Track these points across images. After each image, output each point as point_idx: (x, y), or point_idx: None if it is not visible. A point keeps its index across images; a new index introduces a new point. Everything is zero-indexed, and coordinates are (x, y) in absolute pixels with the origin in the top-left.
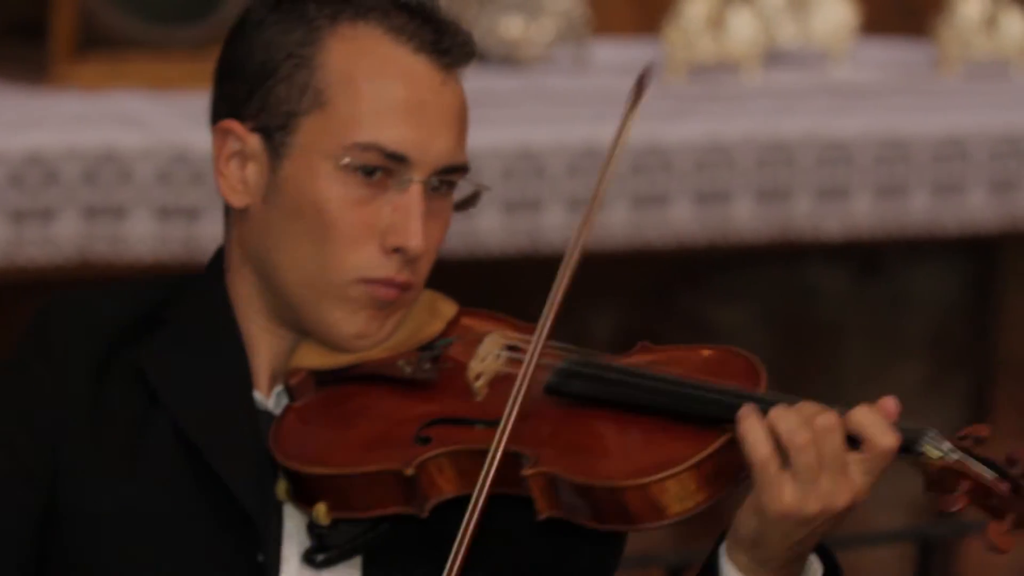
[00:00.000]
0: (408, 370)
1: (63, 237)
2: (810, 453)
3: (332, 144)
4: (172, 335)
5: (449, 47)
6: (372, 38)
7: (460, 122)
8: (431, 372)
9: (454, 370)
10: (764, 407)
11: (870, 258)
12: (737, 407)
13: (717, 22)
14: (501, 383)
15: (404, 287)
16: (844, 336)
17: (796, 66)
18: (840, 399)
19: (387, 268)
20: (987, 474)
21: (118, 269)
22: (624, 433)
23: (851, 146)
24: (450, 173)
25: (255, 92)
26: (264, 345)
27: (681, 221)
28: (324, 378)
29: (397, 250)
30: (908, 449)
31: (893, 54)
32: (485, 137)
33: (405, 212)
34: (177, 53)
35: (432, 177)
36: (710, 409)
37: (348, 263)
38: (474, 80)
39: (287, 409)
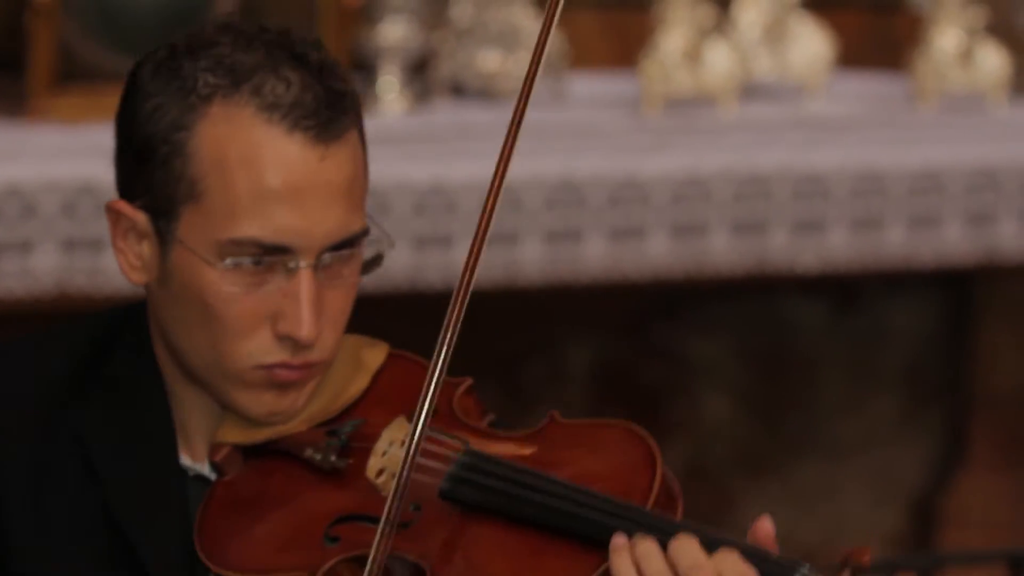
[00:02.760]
0: (317, 458)
1: (41, 269)
2: None
3: (209, 239)
4: (108, 399)
5: (329, 119)
6: (243, 120)
7: (348, 193)
8: (338, 463)
9: (362, 458)
10: (643, 531)
11: (846, 291)
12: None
13: (693, 55)
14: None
15: (305, 367)
16: (820, 369)
17: (772, 99)
18: (816, 432)
19: (281, 353)
20: None
21: (96, 301)
22: (511, 549)
23: (827, 179)
24: (345, 246)
25: (140, 171)
26: (195, 405)
27: (657, 254)
28: (250, 451)
29: (288, 336)
30: None
31: (869, 87)
32: (462, 170)
33: (293, 299)
34: None
35: (323, 255)
36: (593, 530)
37: (242, 352)
38: (451, 113)
39: (215, 485)
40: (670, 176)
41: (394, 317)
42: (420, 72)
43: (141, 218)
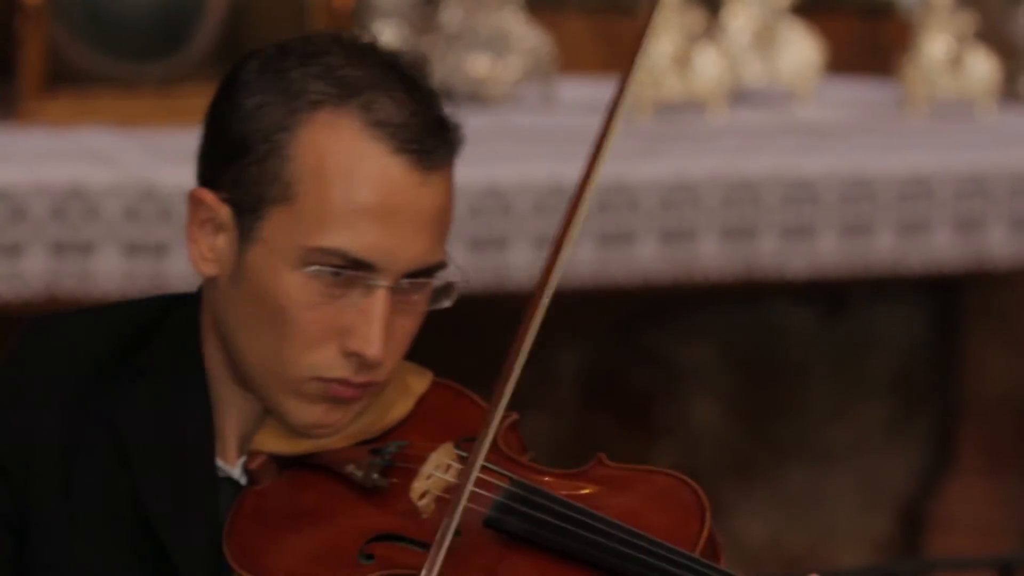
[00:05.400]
0: (359, 475)
1: (31, 273)
2: None
3: (296, 244)
4: (147, 389)
5: (434, 147)
6: (349, 132)
7: (438, 223)
8: (380, 481)
9: (405, 479)
10: None
11: (835, 297)
12: None
13: (683, 61)
14: (449, 500)
15: (363, 387)
16: (809, 375)
17: (762, 105)
18: (804, 438)
19: (345, 369)
20: None
21: (85, 305)
22: None
23: (816, 185)
24: (422, 275)
25: (231, 165)
26: (234, 407)
27: (647, 259)
28: (285, 462)
29: (356, 354)
30: None
31: (858, 93)
32: None
33: (368, 318)
34: (145, 90)
35: (403, 280)
36: (639, 570)
37: (305, 361)
38: None
39: (246, 493)
40: (659, 181)
41: None
42: None
43: (224, 211)
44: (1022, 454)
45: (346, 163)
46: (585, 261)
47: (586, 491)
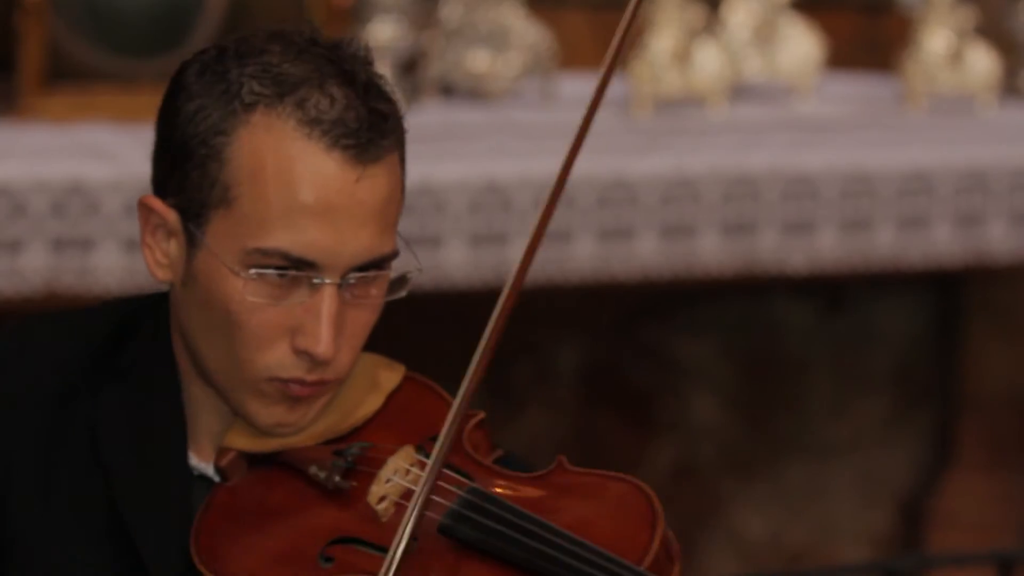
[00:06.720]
0: (321, 476)
1: (30, 269)
2: None
3: (237, 247)
4: (124, 390)
5: (369, 140)
6: (282, 132)
7: (380, 215)
8: (342, 484)
9: (365, 483)
10: None
11: (835, 292)
12: None
13: (683, 56)
14: (406, 506)
15: (318, 384)
16: (809, 370)
17: (762, 100)
18: (804, 434)
19: (298, 368)
20: None
21: (85, 301)
22: None
23: (816, 180)
24: (371, 268)
25: (176, 170)
26: (208, 405)
27: (646, 255)
28: (255, 458)
29: (305, 352)
30: None
31: (859, 89)
32: (452, 170)
33: (315, 316)
34: (145, 86)
35: (349, 275)
36: None
37: (259, 363)
38: (441, 113)
39: (217, 489)
40: (659, 177)
41: (382, 316)
42: (410, 72)
43: (172, 216)
44: (1022, 450)
45: (281, 163)
46: (585, 257)
47: (542, 498)
